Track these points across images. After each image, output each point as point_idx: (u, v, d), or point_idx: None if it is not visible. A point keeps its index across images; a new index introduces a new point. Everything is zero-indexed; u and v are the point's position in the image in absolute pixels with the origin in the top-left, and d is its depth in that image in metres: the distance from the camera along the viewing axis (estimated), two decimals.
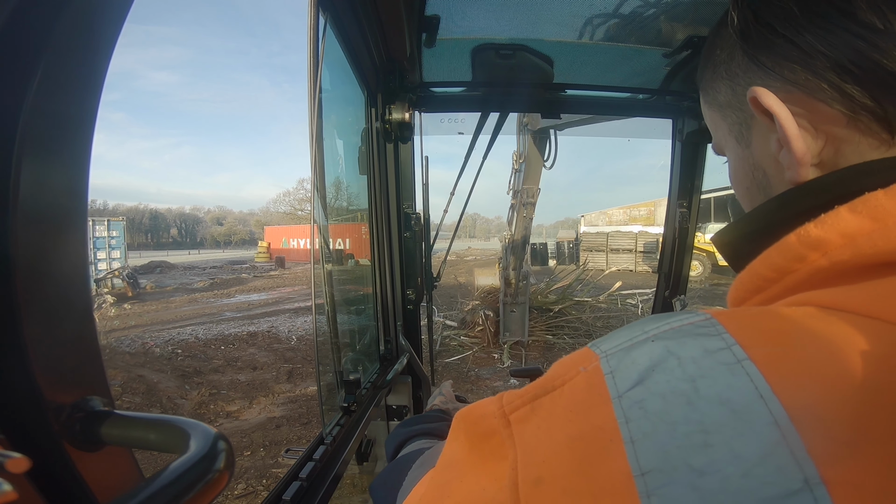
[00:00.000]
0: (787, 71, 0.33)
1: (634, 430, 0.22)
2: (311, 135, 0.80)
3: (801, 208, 0.31)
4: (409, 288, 1.57)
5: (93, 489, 0.34)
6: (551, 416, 0.25)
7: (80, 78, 0.32)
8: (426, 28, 1.09)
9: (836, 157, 0.32)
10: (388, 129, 1.32)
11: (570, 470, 0.23)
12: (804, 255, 0.27)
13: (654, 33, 1.13)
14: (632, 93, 1.53)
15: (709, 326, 0.25)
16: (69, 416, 0.33)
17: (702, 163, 1.62)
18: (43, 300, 0.31)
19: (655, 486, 0.20)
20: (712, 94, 0.41)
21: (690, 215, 1.64)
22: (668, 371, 0.23)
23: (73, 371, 0.34)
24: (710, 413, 0.21)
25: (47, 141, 0.30)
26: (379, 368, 1.46)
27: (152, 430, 0.34)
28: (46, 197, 0.31)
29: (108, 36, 0.33)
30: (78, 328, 0.34)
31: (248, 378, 5.70)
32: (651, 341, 0.25)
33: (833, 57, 0.30)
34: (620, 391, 0.24)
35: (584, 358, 0.27)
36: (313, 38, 0.78)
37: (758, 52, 0.34)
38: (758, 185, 0.38)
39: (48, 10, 0.29)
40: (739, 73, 0.37)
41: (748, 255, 0.31)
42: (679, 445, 0.21)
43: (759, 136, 0.37)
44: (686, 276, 1.71)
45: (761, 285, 0.30)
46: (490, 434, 0.28)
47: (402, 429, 0.80)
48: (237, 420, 4.53)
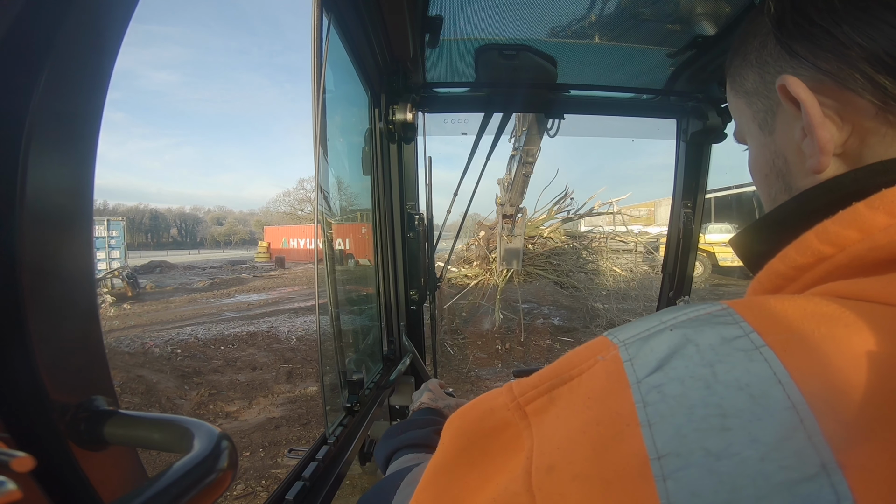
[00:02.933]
0: (821, 60, 0.33)
1: (652, 413, 0.22)
2: (315, 135, 0.80)
3: (819, 207, 0.31)
4: (412, 288, 1.57)
5: (97, 488, 0.34)
6: (570, 405, 0.25)
7: (86, 78, 0.32)
8: (429, 28, 1.09)
9: (861, 147, 0.32)
10: (392, 130, 1.32)
11: (583, 455, 0.23)
12: (822, 251, 0.28)
13: (658, 33, 1.13)
14: (636, 93, 1.52)
15: (726, 315, 0.25)
16: (74, 416, 0.33)
17: (706, 163, 1.61)
18: (49, 300, 0.31)
19: (672, 469, 0.20)
20: (740, 81, 0.42)
21: (695, 215, 1.64)
22: (686, 357, 0.23)
23: (79, 371, 0.34)
24: (728, 397, 0.21)
25: (53, 141, 0.30)
26: (382, 368, 1.46)
27: (156, 430, 0.34)
28: (53, 197, 0.31)
29: (114, 36, 0.33)
30: (83, 328, 0.35)
31: (247, 378, 5.70)
32: (669, 330, 0.25)
33: (869, 48, 0.31)
34: (639, 377, 0.24)
35: (602, 347, 0.27)
36: (317, 39, 0.78)
37: (792, 41, 0.35)
38: (777, 172, 0.38)
39: (54, 10, 0.29)
40: (770, 62, 0.37)
41: (766, 256, 0.32)
42: (697, 429, 0.21)
43: (784, 124, 0.37)
44: (691, 276, 1.71)
45: (780, 284, 0.30)
46: (502, 427, 0.28)
47: (388, 439, 0.76)
48: (237, 420, 4.53)
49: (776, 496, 0.19)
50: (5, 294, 0.29)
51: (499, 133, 1.55)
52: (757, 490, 0.19)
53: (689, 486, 0.20)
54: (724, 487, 0.19)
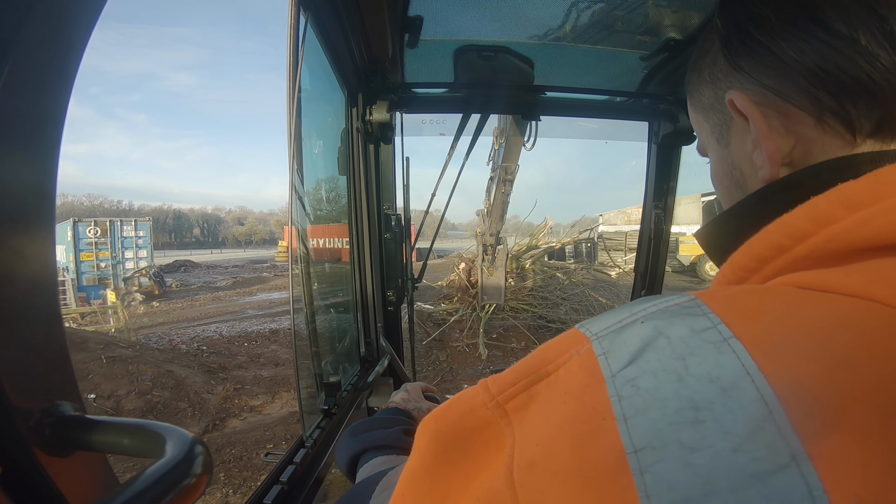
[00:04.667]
0: (762, 76, 0.35)
1: (627, 407, 0.22)
2: (289, 134, 0.79)
3: (780, 202, 0.32)
4: (389, 289, 1.56)
5: (65, 495, 0.33)
6: (549, 401, 0.25)
7: (50, 76, 0.31)
8: (409, 29, 1.09)
9: (805, 156, 0.34)
10: (369, 130, 1.31)
11: (562, 451, 0.23)
12: (783, 243, 0.28)
13: (632, 36, 1.15)
14: (610, 95, 1.55)
15: (694, 307, 0.25)
16: (39, 422, 0.32)
17: (677, 165, 1.65)
18: (8, 303, 0.30)
19: (648, 462, 0.21)
20: (697, 96, 0.43)
21: (666, 216, 1.68)
22: (658, 350, 0.24)
23: (42, 376, 0.33)
24: (700, 390, 0.22)
25: (13, 140, 0.29)
26: (360, 370, 1.45)
27: (126, 435, 0.33)
28: (12, 197, 0.30)
29: (80, 34, 0.32)
30: (45, 332, 0.33)
31: (270, 374, 5.80)
32: (640, 322, 0.26)
33: (803, 62, 0.32)
34: (613, 371, 0.24)
35: (575, 340, 0.27)
36: (293, 37, 0.77)
37: (738, 58, 0.36)
38: (735, 183, 0.40)
39: (18, 6, 0.28)
40: (721, 78, 0.39)
41: (730, 249, 0.32)
42: (671, 422, 0.21)
43: (737, 138, 0.39)
44: (661, 275, 1.75)
45: (743, 276, 0.31)
46: (483, 426, 0.28)
47: (352, 437, 0.69)
48: (260, 414, 4.69)
49: (750, 488, 0.19)
50: None
51: (476, 134, 1.55)
52: (731, 482, 0.19)
53: (665, 479, 0.20)
54: (700, 480, 0.20)
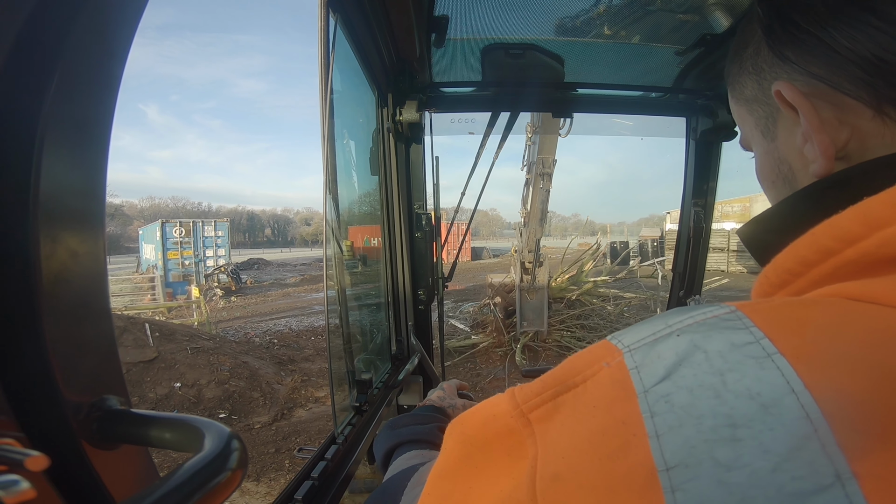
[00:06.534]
0: (812, 65, 0.33)
1: (660, 424, 0.21)
2: (323, 135, 0.81)
3: (828, 201, 0.30)
4: (420, 288, 1.57)
5: (109, 487, 0.34)
6: (575, 412, 0.25)
7: (96, 82, 0.32)
8: (435, 28, 1.09)
9: (862, 150, 0.32)
10: (399, 130, 1.32)
11: (589, 465, 0.22)
12: (831, 247, 0.26)
13: (666, 31, 1.12)
14: (644, 91, 1.51)
15: (734, 320, 0.24)
16: (87, 415, 0.33)
17: (716, 162, 1.59)
18: (62, 302, 0.32)
19: (681, 481, 0.20)
20: (739, 88, 0.41)
21: (706, 215, 1.62)
22: (695, 365, 0.23)
23: (92, 371, 0.35)
24: (738, 407, 0.21)
25: (65, 144, 0.31)
26: (390, 368, 1.47)
27: (168, 430, 0.34)
28: (65, 199, 0.31)
29: (123, 40, 0.34)
30: (96, 329, 0.35)
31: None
32: (676, 335, 0.24)
33: (856, 51, 0.30)
34: (646, 386, 0.23)
35: (606, 352, 0.26)
36: (323, 39, 0.79)
37: (783, 48, 0.35)
38: (783, 179, 0.38)
39: (63, 16, 0.29)
40: (765, 68, 0.37)
41: (774, 249, 0.31)
42: (706, 439, 0.20)
43: (785, 130, 0.37)
44: (701, 275, 1.69)
45: (787, 279, 0.29)
46: (505, 434, 0.27)
47: (389, 431, 0.73)
48: (325, 405, 4.95)
49: None
50: (20, 296, 0.29)
51: (506, 132, 1.54)
52: (768, 501, 0.18)
53: (698, 498, 0.19)
54: (735, 499, 0.19)
